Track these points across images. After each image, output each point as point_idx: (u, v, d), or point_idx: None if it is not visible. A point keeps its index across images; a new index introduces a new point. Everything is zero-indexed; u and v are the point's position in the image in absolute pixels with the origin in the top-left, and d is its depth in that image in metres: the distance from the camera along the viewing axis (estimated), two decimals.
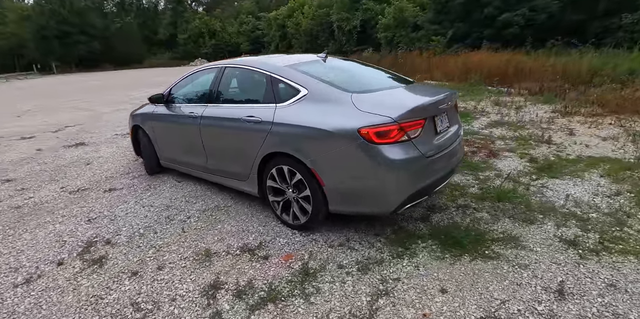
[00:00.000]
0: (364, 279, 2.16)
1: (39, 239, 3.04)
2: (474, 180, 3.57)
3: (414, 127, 2.26)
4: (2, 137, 7.74)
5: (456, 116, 2.98)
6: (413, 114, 2.27)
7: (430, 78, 11.93)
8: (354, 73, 3.23)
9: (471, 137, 5.13)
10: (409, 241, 2.54)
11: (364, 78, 3.13)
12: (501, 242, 2.44)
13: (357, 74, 3.21)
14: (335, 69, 3.16)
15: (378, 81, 3.06)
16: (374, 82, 2.98)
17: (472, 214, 2.88)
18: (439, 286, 2.05)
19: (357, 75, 3.20)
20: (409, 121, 2.23)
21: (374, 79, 3.12)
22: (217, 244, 2.72)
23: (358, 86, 2.72)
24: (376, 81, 3.01)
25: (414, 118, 2.26)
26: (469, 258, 2.28)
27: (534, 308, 1.85)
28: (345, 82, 2.73)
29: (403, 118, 2.20)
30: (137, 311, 2.09)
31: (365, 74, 3.25)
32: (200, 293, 2.18)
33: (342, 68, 3.29)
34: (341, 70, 3.18)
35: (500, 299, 1.91)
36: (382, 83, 2.91)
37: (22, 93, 19.39)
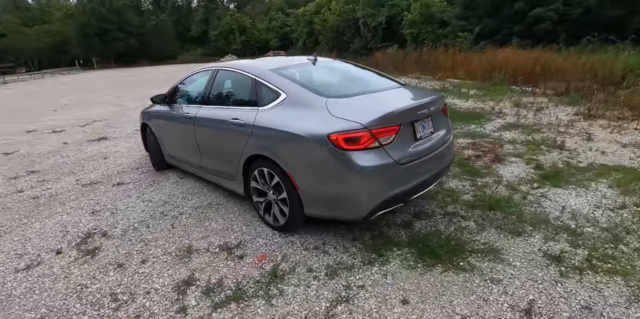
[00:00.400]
0: (329, 284, 2.17)
1: (46, 229, 3.28)
2: (471, 186, 3.45)
3: (386, 134, 2.22)
4: (36, 130, 8.34)
5: (444, 121, 2.88)
6: (385, 120, 2.23)
7: (453, 76, 11.57)
8: (341, 76, 3.21)
9: (479, 140, 4.94)
10: (385, 247, 2.51)
11: (349, 81, 3.10)
12: (480, 254, 2.36)
13: (343, 78, 3.19)
14: (323, 72, 3.16)
15: (363, 84, 3.02)
16: (358, 85, 2.94)
17: (458, 222, 2.79)
18: (401, 296, 2.02)
19: (343, 78, 3.18)
20: (381, 127, 2.20)
21: (360, 82, 3.08)
22: (201, 241, 2.81)
23: (338, 90, 2.70)
24: (361, 85, 2.97)
25: (386, 124, 2.23)
26: (440, 269, 2.22)
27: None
28: (326, 86, 2.73)
29: (374, 124, 2.18)
30: (114, 301, 2.22)
31: (352, 77, 3.22)
32: (173, 288, 2.28)
33: (330, 71, 3.28)
34: (328, 74, 3.17)
35: (461, 315, 1.85)
36: (366, 87, 2.87)
37: (64, 88, 20.73)
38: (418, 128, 2.48)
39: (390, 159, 2.22)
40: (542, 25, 12.14)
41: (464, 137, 5.12)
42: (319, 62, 3.14)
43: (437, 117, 2.76)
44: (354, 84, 3.02)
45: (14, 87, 25.17)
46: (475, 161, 4.13)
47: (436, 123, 2.71)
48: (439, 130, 2.74)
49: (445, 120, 2.88)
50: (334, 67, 3.38)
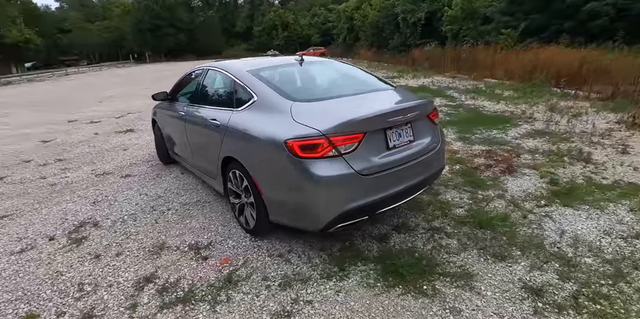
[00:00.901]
0: (278, 295, 2.09)
1: (50, 215, 3.50)
2: (469, 199, 3.17)
3: (346, 142, 2.07)
4: (77, 120, 9.02)
5: (431, 128, 2.65)
6: (346, 128, 2.08)
7: (490, 76, 10.84)
8: (323, 78, 3.07)
9: (496, 147, 4.55)
10: (351, 261, 2.37)
11: (329, 84, 2.97)
12: (450, 278, 2.14)
13: (324, 79, 3.05)
14: (305, 73, 3.04)
15: (343, 87, 2.87)
16: (337, 88, 2.80)
17: (440, 239, 2.57)
18: (347, 317, 1.88)
19: (324, 80, 3.04)
20: (341, 135, 2.06)
21: (341, 85, 2.94)
22: (175, 238, 2.85)
23: (311, 93, 2.59)
24: (340, 88, 2.83)
25: (347, 132, 2.08)
26: (400, 291, 2.05)
27: None
28: (299, 89, 2.63)
29: (333, 131, 2.04)
30: (79, 291, 2.31)
31: (335, 79, 3.07)
32: (133, 284, 2.33)
33: (314, 72, 3.15)
34: (310, 75, 3.05)
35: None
36: (345, 90, 2.72)
37: (116, 80, 22.28)
38: (391, 136, 2.29)
39: (351, 170, 2.07)
40: (597, 21, 10.92)
41: (479, 144, 4.75)
42: (305, 63, 3.03)
43: (420, 124, 2.55)
44: (333, 86, 2.89)
45: (74, 78, 27.48)
46: (483, 171, 3.80)
47: (418, 131, 2.50)
48: (422, 138, 2.53)
49: (431, 127, 2.65)
50: (320, 68, 3.25)
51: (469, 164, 4.02)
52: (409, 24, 19.11)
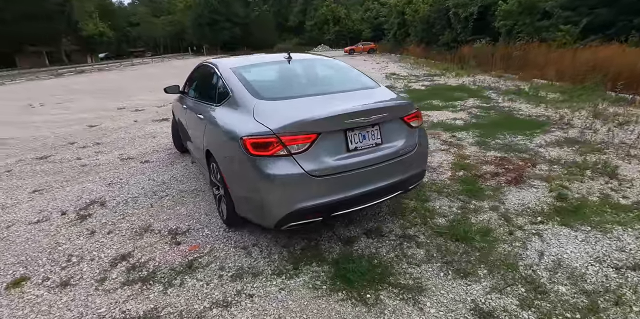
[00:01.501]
0: (225, 286, 2.17)
1: (71, 193, 3.92)
2: (458, 209, 2.99)
3: (298, 142, 2.07)
4: (124, 108, 9.84)
5: (407, 131, 2.51)
6: (298, 127, 2.08)
7: (540, 76, 9.96)
8: (303, 76, 3.06)
9: (512, 155, 4.21)
10: (308, 261, 2.37)
11: (306, 82, 2.96)
12: (399, 289, 2.06)
13: (304, 77, 3.04)
14: (289, 71, 3.05)
15: (321, 85, 2.86)
16: (313, 87, 2.79)
17: (407, 248, 2.47)
18: (278, 315, 1.91)
19: (303, 78, 3.03)
20: (292, 135, 2.06)
21: (319, 83, 2.92)
22: (161, 222, 3.05)
23: (282, 91, 2.60)
24: (317, 86, 2.82)
25: (299, 131, 2.07)
26: (341, 297, 2.02)
27: None
28: (272, 87, 2.66)
29: (283, 130, 2.05)
30: (66, 262, 2.59)
31: (315, 78, 3.05)
32: (110, 260, 2.55)
33: (298, 70, 3.14)
34: (292, 73, 3.06)
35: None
36: (322, 88, 2.70)
37: (173, 71, 23.84)
38: (353, 138, 2.24)
39: (301, 170, 2.06)
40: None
41: (496, 150, 4.42)
42: (293, 61, 3.04)
43: (392, 126, 2.44)
44: (309, 85, 2.87)
45: (137, 68, 29.90)
46: (487, 180, 3.55)
47: (388, 133, 2.40)
48: (392, 141, 2.43)
49: (407, 130, 2.52)
50: (306, 66, 3.24)
51: (474, 171, 3.78)
52: (461, 19, 17.98)
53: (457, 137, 5.08)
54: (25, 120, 8.68)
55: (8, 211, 3.55)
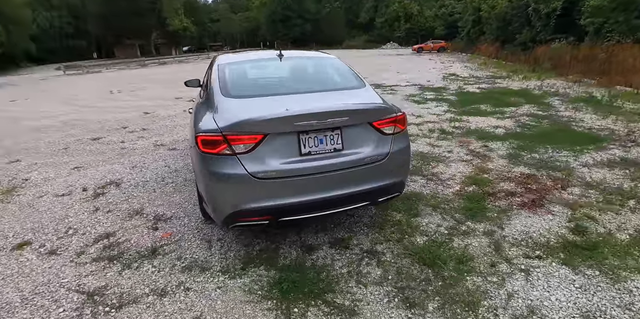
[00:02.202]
0: (172, 276, 2.24)
1: (99, 172, 4.38)
2: (446, 229, 2.68)
3: (242, 142, 2.02)
4: (181, 98, 10.64)
5: (377, 138, 2.29)
6: (242, 127, 2.03)
7: (624, 83, 8.55)
8: (287, 74, 3.00)
9: (545, 173, 3.65)
10: (259, 263, 2.33)
11: (285, 80, 2.88)
12: (331, 309, 1.91)
13: (287, 76, 2.98)
14: (275, 69, 3.02)
15: (298, 84, 2.78)
16: (289, 86, 2.74)
17: (365, 266, 2.28)
18: (200, 313, 1.90)
19: (285, 76, 2.97)
20: (238, 134, 2.02)
21: (299, 82, 2.84)
22: (154, 208, 3.26)
23: (252, 89, 2.58)
24: (294, 85, 2.75)
25: (243, 132, 2.03)
26: (269, 306, 1.94)
27: None
28: (244, 84, 2.65)
29: (230, 130, 2.03)
30: (65, 232, 2.91)
31: (299, 76, 2.98)
32: (97, 237, 2.80)
33: (284, 68, 3.07)
34: (276, 71, 3.01)
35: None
36: (297, 87, 2.64)
37: None
38: (307, 142, 2.12)
39: (243, 171, 2.01)
40: None
41: (526, 166, 3.88)
42: (284, 58, 2.98)
43: (358, 132, 2.25)
44: (286, 83, 2.80)
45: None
46: (498, 199, 3.13)
47: (352, 139, 2.22)
48: (357, 148, 2.24)
49: (377, 137, 2.29)
50: (294, 64, 3.15)
51: (488, 187, 3.36)
52: (541, 16, 15.95)
53: (488, 148, 4.58)
54: (100, 105, 9.89)
55: (47, 183, 4.08)
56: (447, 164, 4.04)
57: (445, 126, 5.79)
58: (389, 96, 9.06)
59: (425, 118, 6.39)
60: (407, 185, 3.37)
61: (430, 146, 4.72)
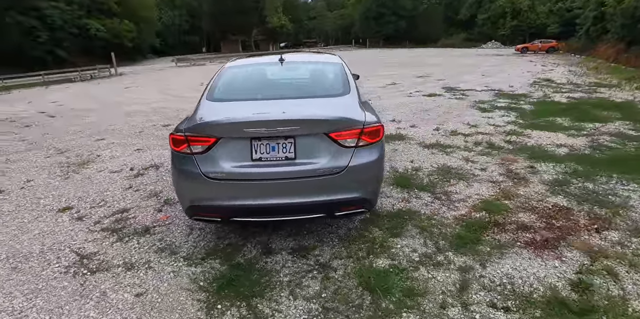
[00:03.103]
0: (146, 254, 2.57)
1: (152, 155, 5.10)
2: (418, 256, 2.42)
3: (197, 143, 2.20)
4: None
5: (335, 150, 2.21)
6: (197, 130, 2.22)
7: None
8: (278, 79, 3.09)
9: (586, 208, 3.03)
10: (219, 256, 2.50)
11: (272, 86, 2.95)
12: (249, 313, 1.96)
13: (277, 81, 3.07)
14: (269, 73, 3.12)
15: (281, 90, 2.86)
16: (272, 91, 2.80)
17: (309, 279, 2.24)
18: (145, 291, 2.14)
19: (274, 82, 3.05)
20: (195, 136, 2.21)
21: (284, 87, 2.90)
22: (169, 192, 3.68)
23: (235, 93, 2.73)
24: (277, 91, 2.82)
25: (198, 134, 2.20)
26: (200, 297, 2.09)
27: None
28: (230, 88, 2.81)
29: (190, 131, 2.22)
30: (97, 204, 3.52)
31: (288, 81, 3.03)
32: (115, 211, 3.32)
33: (279, 73, 3.13)
34: (270, 76, 3.09)
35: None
36: (278, 93, 2.72)
37: None
38: (259, 148, 2.17)
39: (197, 170, 2.18)
40: None
41: (567, 196, 3.25)
42: (285, 62, 3.08)
43: (312, 142, 2.21)
44: (271, 88, 2.90)
45: None
46: (501, 232, 2.71)
47: (306, 149, 2.20)
48: (310, 158, 2.21)
49: (336, 149, 2.21)
50: (289, 69, 3.19)
51: (499, 216, 2.93)
52: None
53: (533, 170, 3.97)
54: (187, 95, 11.24)
55: (111, 161, 4.91)
56: (469, 183, 3.64)
57: (497, 139, 5.17)
58: (453, 101, 8.41)
59: (479, 129, 5.79)
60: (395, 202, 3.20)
61: (463, 161, 4.30)
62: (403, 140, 5.26)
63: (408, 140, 5.26)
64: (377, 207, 3.13)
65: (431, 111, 7.33)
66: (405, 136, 5.45)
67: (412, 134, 5.56)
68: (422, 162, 4.30)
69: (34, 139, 6.57)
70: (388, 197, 3.34)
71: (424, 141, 5.20)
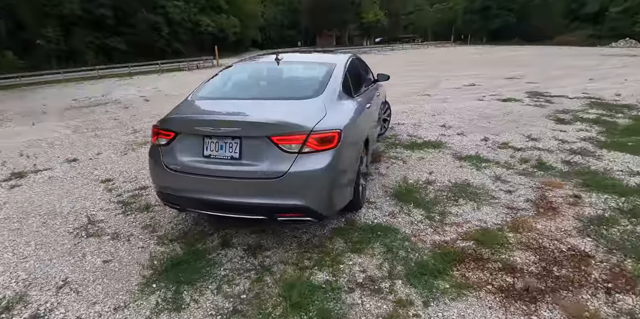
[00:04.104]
0: (134, 228, 2.96)
1: None
2: (363, 279, 2.25)
3: (162, 136, 2.44)
4: None
5: (278, 154, 2.20)
6: (163, 124, 2.43)
7: None
8: (265, 80, 3.17)
9: (614, 257, 2.40)
10: (184, 241, 2.73)
11: (255, 86, 3.03)
12: (172, 296, 2.13)
13: (262, 81, 3.15)
14: (257, 73, 3.27)
15: (261, 91, 2.94)
16: (251, 91, 2.91)
17: (243, 277, 2.30)
18: (112, 260, 2.48)
19: (260, 82, 3.14)
20: (160, 129, 2.44)
21: (264, 88, 2.97)
22: None
23: (216, 92, 2.89)
24: (256, 91, 2.91)
25: (163, 128, 2.42)
26: (145, 273, 2.34)
27: None
28: (218, 87, 2.98)
29: (158, 125, 2.47)
30: (130, 179, 4.12)
31: (272, 82, 3.09)
32: (138, 187, 3.87)
33: (270, 73, 3.24)
34: (259, 76, 3.21)
35: None
36: (256, 93, 2.83)
37: (418, 59, 24.79)
38: (209, 145, 2.31)
39: (160, 160, 2.43)
40: None
41: (601, 241, 2.57)
42: (282, 63, 3.14)
43: (257, 145, 2.22)
44: (252, 88, 2.98)
45: (389, 54, 32.58)
46: (477, 270, 2.29)
47: (250, 151, 2.24)
48: (254, 160, 2.24)
49: (276, 152, 2.19)
50: (280, 70, 3.19)
51: (488, 250, 2.48)
52: None
53: (576, 200, 3.21)
54: None
55: None
56: (478, 205, 3.20)
57: (554, 158, 4.38)
58: (529, 108, 7.33)
59: (538, 143, 4.96)
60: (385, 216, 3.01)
61: (491, 179, 3.77)
62: (438, 148, 4.84)
63: (444, 149, 4.81)
64: (359, 217, 3.00)
65: (494, 119, 6.54)
66: (443, 144, 5.01)
67: (452, 143, 5.07)
68: (442, 175, 3.92)
69: (123, 119, 7.87)
70: (376, 208, 3.16)
71: (460, 151, 4.70)
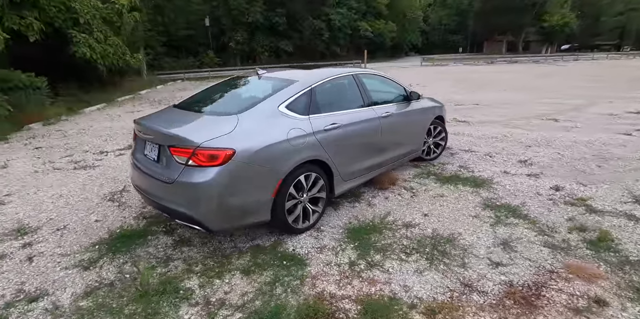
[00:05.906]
0: (127, 215, 3.70)
1: None
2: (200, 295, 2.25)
3: (134, 135, 3.03)
4: None
5: (172, 161, 2.45)
6: (135, 126, 2.93)
7: None
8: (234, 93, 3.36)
9: None
10: (170, 232, 3.29)
11: (218, 99, 3.24)
12: (119, 269, 2.65)
13: (231, 95, 3.34)
14: (234, 87, 3.45)
15: (219, 105, 3.16)
16: (213, 104, 3.17)
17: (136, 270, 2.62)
18: (100, 242, 3.21)
19: (230, 95, 3.33)
20: (134, 129, 3.00)
21: (224, 102, 3.18)
22: None
23: (188, 103, 3.22)
24: (217, 104, 3.16)
25: (135, 129, 2.97)
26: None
27: None
28: (196, 98, 3.33)
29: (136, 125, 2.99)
30: None
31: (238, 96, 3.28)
32: None
33: (244, 87, 3.41)
34: (230, 89, 3.42)
35: None
36: (213, 107, 3.10)
37: (604, 74, 19.51)
38: (147, 146, 2.77)
39: (131, 153, 3.05)
40: None
41: None
42: (262, 77, 3.29)
43: (165, 152, 2.52)
44: (215, 102, 3.21)
45: (567, 66, 26.03)
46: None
47: (162, 156, 2.58)
48: (162, 163, 2.56)
49: (172, 160, 2.43)
50: (252, 85, 3.35)
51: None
52: None
53: (599, 306, 2.21)
54: None
55: None
56: (427, 269, 2.51)
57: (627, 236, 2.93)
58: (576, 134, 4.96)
59: (638, 209, 3.37)
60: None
61: (495, 241, 2.81)
62: (476, 188, 3.89)
63: (482, 191, 3.83)
64: (289, 240, 2.91)
65: (614, 162, 4.64)
66: (489, 184, 3.99)
67: (504, 185, 3.98)
68: (437, 221, 3.21)
69: None
70: (315, 238, 2.96)
71: (501, 198, 3.66)
